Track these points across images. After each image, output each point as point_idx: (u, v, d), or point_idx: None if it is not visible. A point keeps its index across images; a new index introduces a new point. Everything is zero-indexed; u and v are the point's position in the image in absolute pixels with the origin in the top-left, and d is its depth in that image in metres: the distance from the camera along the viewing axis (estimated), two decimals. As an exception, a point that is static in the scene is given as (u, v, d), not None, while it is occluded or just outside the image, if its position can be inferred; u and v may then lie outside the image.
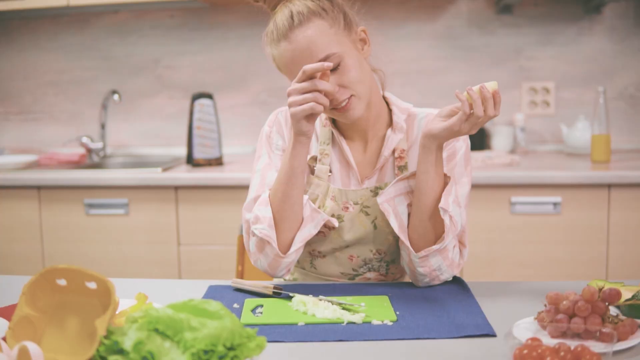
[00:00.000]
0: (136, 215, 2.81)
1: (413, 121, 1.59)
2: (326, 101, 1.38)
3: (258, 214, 1.49)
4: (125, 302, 1.32)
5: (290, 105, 1.39)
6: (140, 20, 3.39)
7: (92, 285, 1.04)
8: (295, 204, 1.47)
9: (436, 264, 1.47)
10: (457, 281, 1.53)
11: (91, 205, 2.82)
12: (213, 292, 1.47)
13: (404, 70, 3.26)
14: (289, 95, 1.39)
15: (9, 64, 3.50)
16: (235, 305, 1.38)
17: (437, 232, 1.47)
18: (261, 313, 1.34)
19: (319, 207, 1.53)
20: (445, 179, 1.47)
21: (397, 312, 1.32)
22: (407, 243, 1.47)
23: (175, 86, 3.41)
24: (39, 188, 2.84)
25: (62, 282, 1.05)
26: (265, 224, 1.47)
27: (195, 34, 3.37)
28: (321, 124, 1.60)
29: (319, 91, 1.37)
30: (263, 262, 1.50)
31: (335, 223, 1.51)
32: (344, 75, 1.43)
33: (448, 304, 1.37)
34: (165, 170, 2.87)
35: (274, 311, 1.34)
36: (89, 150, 3.31)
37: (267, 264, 1.50)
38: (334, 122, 1.59)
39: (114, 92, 3.29)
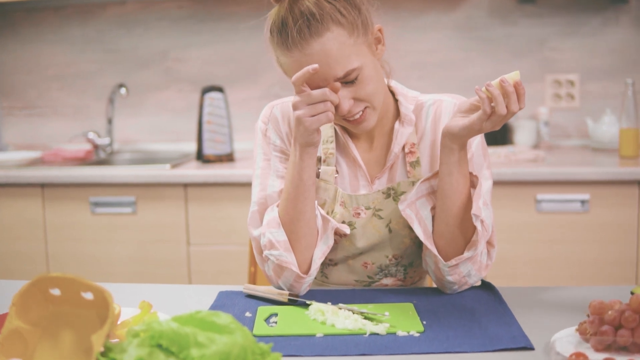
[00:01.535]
0: (144, 214, 2.75)
1: (421, 110, 1.47)
2: (333, 109, 1.29)
3: (271, 238, 1.38)
4: (127, 311, 1.25)
5: (300, 118, 1.28)
6: (147, 12, 3.33)
7: (88, 295, 0.97)
8: (310, 219, 1.37)
9: (465, 270, 1.37)
10: (486, 287, 1.43)
11: (97, 204, 2.77)
12: (223, 299, 1.39)
13: (422, 62, 3.18)
14: (295, 108, 1.28)
15: (12, 57, 3.45)
16: (248, 314, 1.30)
17: (466, 237, 1.37)
18: (275, 323, 1.25)
19: (327, 214, 1.43)
20: (472, 179, 1.36)
21: (424, 322, 1.23)
22: (435, 251, 1.37)
23: (184, 79, 3.34)
24: (42, 186, 2.80)
25: (56, 291, 0.98)
26: (281, 249, 1.37)
27: (204, 26, 3.30)
28: None
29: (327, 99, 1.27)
30: (282, 285, 1.40)
31: (347, 230, 1.41)
32: (361, 89, 1.32)
33: (479, 312, 1.28)
34: (174, 166, 2.82)
35: (289, 321, 1.25)
36: (95, 146, 3.27)
37: (287, 287, 1.40)
38: None
39: (121, 85, 3.23)
